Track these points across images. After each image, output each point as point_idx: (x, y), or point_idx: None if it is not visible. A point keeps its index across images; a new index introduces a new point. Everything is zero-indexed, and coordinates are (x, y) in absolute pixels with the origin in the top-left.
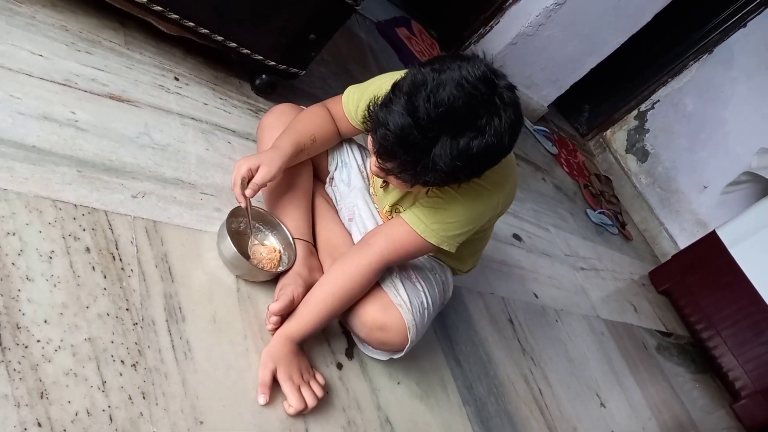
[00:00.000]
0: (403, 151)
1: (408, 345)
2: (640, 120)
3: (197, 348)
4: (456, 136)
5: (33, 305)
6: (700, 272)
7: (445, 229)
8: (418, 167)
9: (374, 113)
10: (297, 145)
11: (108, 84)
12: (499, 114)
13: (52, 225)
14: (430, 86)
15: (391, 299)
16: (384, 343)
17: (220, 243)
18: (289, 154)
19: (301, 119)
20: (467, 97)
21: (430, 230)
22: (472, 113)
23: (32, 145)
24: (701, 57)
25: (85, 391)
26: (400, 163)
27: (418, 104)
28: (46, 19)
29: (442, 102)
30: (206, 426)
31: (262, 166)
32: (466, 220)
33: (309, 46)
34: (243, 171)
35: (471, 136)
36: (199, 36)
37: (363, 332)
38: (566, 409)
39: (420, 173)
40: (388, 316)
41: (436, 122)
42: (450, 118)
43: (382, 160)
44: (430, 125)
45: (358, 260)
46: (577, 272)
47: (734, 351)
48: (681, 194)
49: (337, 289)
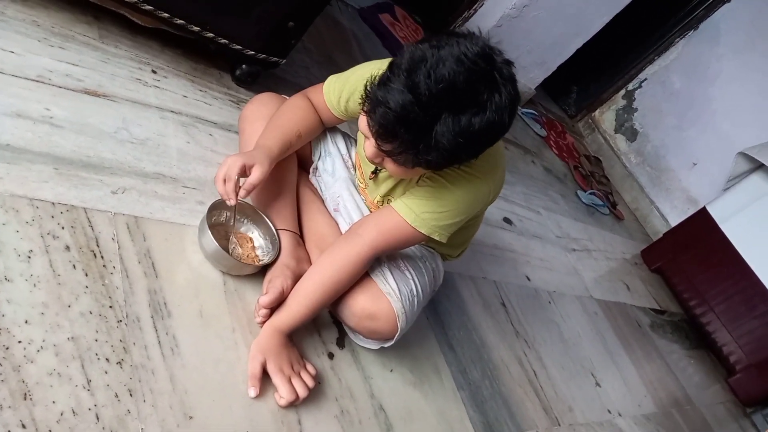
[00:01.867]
0: (404, 130)
1: (398, 333)
2: (628, 99)
3: (184, 343)
4: (458, 112)
5: (13, 306)
6: (692, 249)
7: (437, 218)
8: (419, 147)
9: (372, 93)
10: (283, 144)
11: (83, 79)
12: (499, 90)
13: (30, 224)
14: (429, 62)
15: (380, 288)
16: (374, 332)
17: (201, 238)
18: (276, 155)
19: (285, 113)
20: (467, 72)
21: (420, 220)
22: (473, 89)
23: (6, 143)
24: (687, 34)
25: (70, 390)
26: (401, 143)
27: (418, 81)
28: (17, 15)
29: (443, 78)
30: (196, 421)
31: (257, 165)
32: (457, 210)
33: (289, 34)
34: (238, 168)
35: (473, 112)
36: (175, 27)
37: (353, 321)
38: (561, 389)
39: (421, 153)
40: (377, 305)
41: (438, 99)
42: (451, 94)
43: (381, 141)
44: (431, 102)
45: (347, 250)
46: (569, 254)
47: (728, 326)
48: (671, 172)
49: (326, 279)
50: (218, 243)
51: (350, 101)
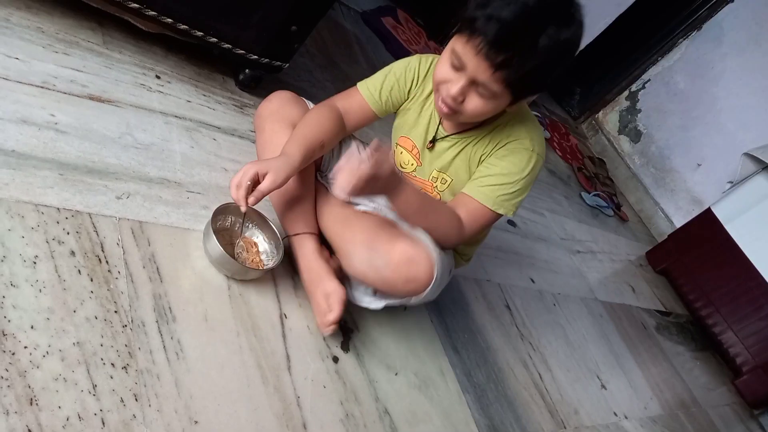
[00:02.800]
0: (515, 38)
1: (432, 283)
2: (631, 100)
3: (189, 348)
4: (559, 23)
5: (18, 311)
6: (697, 250)
7: (509, 197)
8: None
9: (474, 14)
10: (307, 154)
11: (88, 85)
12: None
13: (35, 230)
14: None
15: (418, 236)
16: (410, 279)
17: (206, 243)
18: (298, 165)
19: (311, 123)
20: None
21: (498, 203)
22: (566, 3)
23: (11, 149)
24: (690, 34)
25: (76, 395)
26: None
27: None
28: (21, 21)
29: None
30: (201, 426)
31: (270, 173)
32: (525, 185)
33: (291, 38)
34: (251, 174)
35: (568, 23)
36: (178, 32)
37: (389, 270)
38: (567, 392)
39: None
40: (416, 249)
41: (543, 9)
42: (553, 6)
43: (492, 52)
44: (538, 12)
45: (458, 220)
46: (573, 255)
47: (734, 327)
48: (675, 173)
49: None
50: (223, 248)
51: (394, 89)
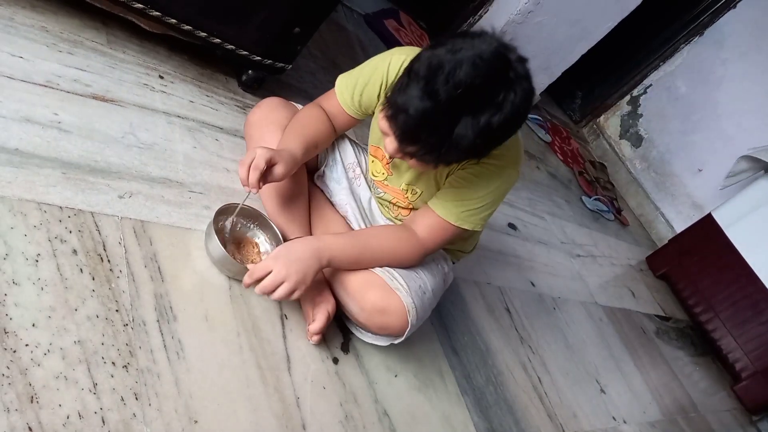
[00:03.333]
0: (426, 135)
1: (408, 328)
2: (633, 105)
3: (190, 347)
4: (477, 113)
5: (20, 309)
6: (697, 255)
7: (476, 212)
8: (441, 149)
9: (392, 99)
10: (305, 150)
11: (91, 84)
12: (515, 88)
13: (38, 228)
14: (447, 68)
15: (388, 283)
16: (384, 327)
17: (208, 243)
18: (299, 159)
19: (305, 123)
20: (484, 75)
21: (462, 218)
22: (489, 91)
23: (15, 148)
24: (692, 39)
25: (76, 394)
26: (423, 146)
27: (437, 87)
28: (25, 21)
29: (461, 83)
30: (201, 425)
31: (280, 164)
32: (493, 201)
33: (294, 40)
34: (265, 159)
35: (491, 112)
36: (182, 33)
37: (363, 317)
38: (566, 395)
39: (443, 154)
40: (387, 300)
41: (456, 103)
42: (469, 98)
43: (404, 144)
44: (450, 106)
45: (408, 235)
46: (573, 259)
47: (733, 332)
48: (676, 178)
49: (384, 242)
50: (225, 248)
51: (363, 95)
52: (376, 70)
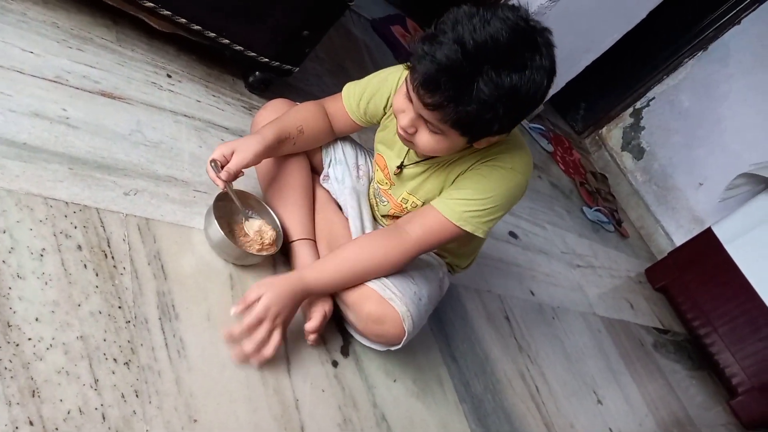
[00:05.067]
0: (447, 79)
1: (405, 337)
2: (635, 117)
3: (191, 346)
4: (500, 66)
5: (24, 303)
6: (697, 269)
7: (479, 215)
8: (462, 98)
9: (419, 47)
10: (280, 134)
11: (100, 81)
12: (540, 51)
13: (43, 222)
14: (475, 18)
15: (382, 295)
16: (381, 335)
17: (207, 228)
18: (269, 141)
19: (291, 112)
20: (511, 31)
21: (464, 219)
22: (515, 47)
23: (23, 142)
24: (696, 54)
25: (78, 389)
26: (444, 92)
27: (464, 34)
28: (38, 17)
29: (488, 33)
30: (200, 424)
31: (237, 152)
32: (499, 205)
33: (303, 43)
34: (215, 155)
35: (513, 68)
36: (191, 32)
37: (360, 325)
38: (563, 405)
39: (462, 104)
40: (383, 309)
41: (482, 52)
42: (495, 49)
43: (424, 92)
44: (475, 54)
45: (397, 241)
46: (573, 269)
47: (731, 348)
48: (677, 191)
49: (369, 260)
50: (224, 233)
51: (370, 104)
52: (385, 82)
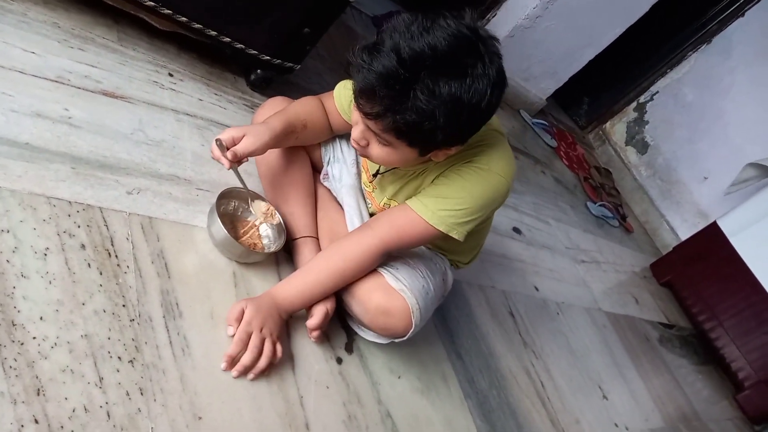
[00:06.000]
0: (383, 86)
1: (412, 329)
2: (639, 112)
3: (195, 344)
4: (437, 75)
5: (28, 302)
6: (702, 263)
7: (454, 215)
8: (398, 106)
9: (357, 56)
10: (287, 126)
11: (101, 80)
12: (483, 60)
13: (47, 222)
14: (414, 26)
15: (392, 285)
16: (388, 328)
17: (211, 225)
18: (278, 132)
19: (295, 105)
20: (451, 38)
21: (437, 217)
22: (455, 55)
23: (25, 142)
24: (700, 47)
25: (82, 387)
26: (381, 101)
27: (400, 42)
28: (38, 17)
29: (426, 41)
30: (205, 422)
31: (248, 136)
32: (475, 206)
33: (304, 40)
34: (223, 136)
35: (452, 76)
36: (192, 31)
37: (367, 318)
38: (568, 401)
39: (400, 113)
40: (392, 301)
41: (418, 59)
42: (432, 57)
43: (362, 101)
44: (411, 62)
45: (357, 242)
46: (578, 265)
47: (737, 342)
48: (681, 185)
49: (332, 267)
50: (227, 231)
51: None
52: None
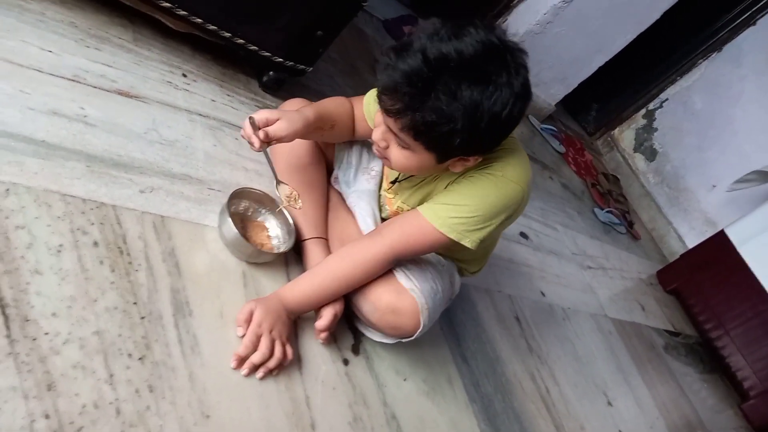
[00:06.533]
0: (406, 84)
1: (420, 329)
2: (648, 119)
3: (204, 342)
4: (460, 79)
5: (42, 298)
6: (709, 271)
7: (465, 222)
8: (419, 106)
9: (385, 56)
10: (319, 121)
11: (117, 80)
12: (509, 70)
13: (61, 219)
14: (443, 31)
15: (402, 283)
16: (396, 327)
17: (222, 225)
18: (310, 123)
19: (328, 103)
20: (478, 45)
21: (448, 225)
22: (479, 61)
23: (42, 139)
24: (710, 55)
25: (93, 383)
26: (402, 100)
27: (428, 44)
28: (56, 16)
29: (453, 45)
30: (213, 420)
31: (282, 120)
32: (488, 214)
33: (316, 43)
34: (258, 116)
35: (474, 82)
36: (206, 33)
37: (375, 316)
38: (573, 407)
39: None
40: (401, 300)
41: (443, 62)
42: (457, 61)
43: (385, 97)
44: (436, 64)
45: (366, 248)
46: (584, 271)
47: (743, 351)
48: (689, 193)
49: (340, 271)
50: (238, 231)
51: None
52: None
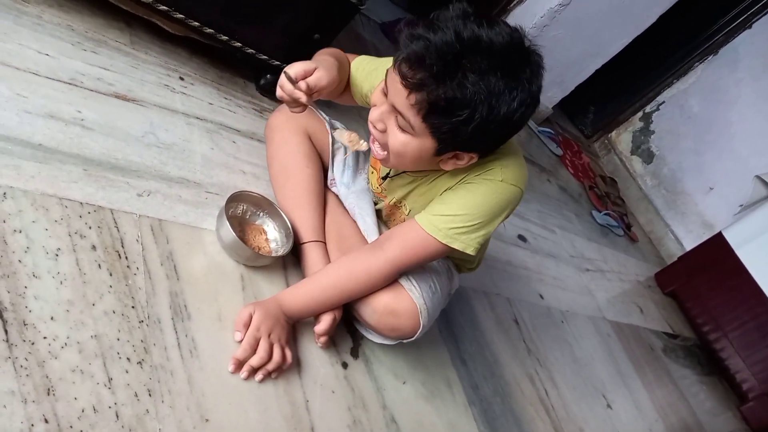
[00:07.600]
0: (436, 55)
1: (419, 330)
2: (645, 121)
3: (203, 346)
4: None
5: (39, 302)
6: (707, 274)
7: (467, 231)
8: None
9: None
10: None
11: (114, 83)
12: (532, 68)
13: (59, 223)
14: (473, 18)
15: (401, 283)
16: (395, 328)
17: (219, 228)
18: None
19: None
20: (509, 37)
21: (449, 236)
22: (509, 53)
23: (39, 143)
24: (706, 58)
25: (92, 387)
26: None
27: (461, 26)
28: (53, 19)
29: (485, 32)
30: (212, 424)
31: (320, 68)
32: (488, 219)
33: (314, 46)
34: (292, 69)
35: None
36: (204, 36)
37: (374, 318)
38: (572, 409)
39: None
40: (399, 302)
41: (477, 44)
42: (489, 48)
43: (407, 67)
44: (469, 46)
45: (368, 263)
46: (582, 273)
47: (741, 353)
48: (687, 196)
49: (340, 285)
50: (236, 234)
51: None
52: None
